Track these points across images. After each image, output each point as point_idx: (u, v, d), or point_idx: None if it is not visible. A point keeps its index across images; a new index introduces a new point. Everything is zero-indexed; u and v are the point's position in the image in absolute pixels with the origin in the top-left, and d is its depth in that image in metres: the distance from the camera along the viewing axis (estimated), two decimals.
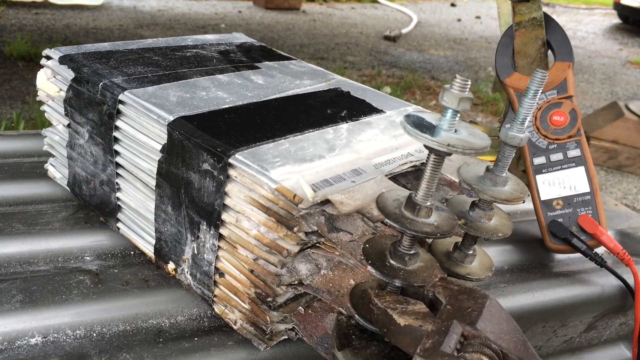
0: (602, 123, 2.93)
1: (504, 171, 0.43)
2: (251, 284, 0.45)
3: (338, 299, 0.43)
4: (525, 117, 0.41)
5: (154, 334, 0.48)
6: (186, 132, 0.47)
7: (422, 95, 3.71)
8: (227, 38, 0.75)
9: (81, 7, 4.87)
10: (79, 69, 0.57)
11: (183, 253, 0.50)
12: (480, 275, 0.46)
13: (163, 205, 0.50)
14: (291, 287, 0.44)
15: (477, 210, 0.45)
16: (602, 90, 4.38)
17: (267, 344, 0.46)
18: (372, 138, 0.52)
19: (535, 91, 0.40)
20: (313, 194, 0.41)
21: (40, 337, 0.45)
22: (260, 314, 0.45)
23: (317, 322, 0.46)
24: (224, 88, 0.57)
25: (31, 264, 0.54)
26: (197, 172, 0.46)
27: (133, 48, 0.65)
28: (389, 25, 5.70)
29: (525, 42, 0.68)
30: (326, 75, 0.66)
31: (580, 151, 0.65)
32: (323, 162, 0.46)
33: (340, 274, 0.45)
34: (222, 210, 0.45)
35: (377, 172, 0.47)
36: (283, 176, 0.42)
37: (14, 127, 2.39)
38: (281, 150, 0.46)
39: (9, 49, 3.40)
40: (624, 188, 2.79)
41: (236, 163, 0.44)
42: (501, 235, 0.44)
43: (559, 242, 0.64)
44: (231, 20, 5.09)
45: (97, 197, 0.59)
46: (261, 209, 0.43)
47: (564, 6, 8.53)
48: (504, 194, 0.43)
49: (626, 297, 0.65)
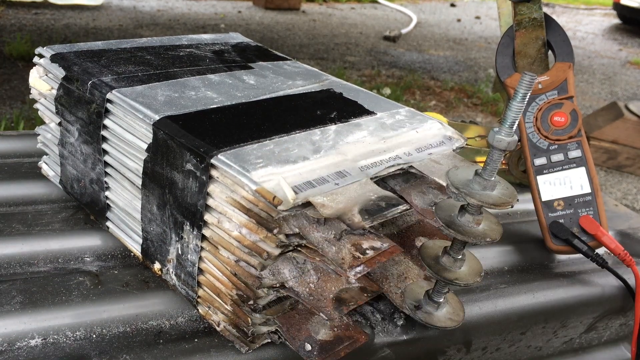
0: (602, 123, 2.93)
1: (492, 175, 0.42)
2: (233, 286, 0.45)
3: (319, 303, 0.43)
4: (513, 121, 0.40)
5: (154, 335, 0.47)
6: (170, 131, 0.46)
7: (421, 95, 3.71)
8: (223, 38, 0.75)
9: (81, 7, 4.86)
10: (69, 67, 0.57)
11: (168, 253, 0.50)
12: (468, 281, 0.46)
13: (149, 204, 0.50)
14: (273, 290, 0.44)
15: (465, 214, 0.44)
16: (602, 90, 4.39)
17: (249, 346, 0.46)
18: (360, 140, 0.51)
19: (523, 94, 0.39)
20: (294, 196, 0.41)
21: (40, 339, 0.45)
22: (242, 315, 0.45)
23: (300, 325, 0.46)
24: (214, 88, 0.57)
25: (31, 265, 0.53)
26: (181, 172, 0.46)
27: (126, 47, 0.65)
28: (389, 25, 5.70)
29: (526, 42, 0.68)
30: (320, 76, 0.65)
31: (581, 152, 0.65)
32: (307, 164, 0.45)
33: (324, 278, 0.45)
34: (205, 211, 0.45)
35: (362, 175, 0.46)
36: (264, 177, 0.42)
37: (14, 127, 2.39)
38: (265, 151, 0.46)
39: (9, 49, 3.40)
40: (624, 188, 2.79)
41: (218, 163, 0.43)
42: (489, 240, 0.43)
43: (560, 243, 0.64)
44: (231, 20, 5.09)
45: (87, 195, 0.59)
46: (242, 210, 0.42)
47: (564, 6, 8.53)
48: (492, 198, 0.42)
49: (626, 298, 0.65)
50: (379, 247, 0.43)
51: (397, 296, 0.51)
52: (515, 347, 0.62)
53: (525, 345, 0.62)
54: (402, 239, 0.54)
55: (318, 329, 0.46)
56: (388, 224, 0.54)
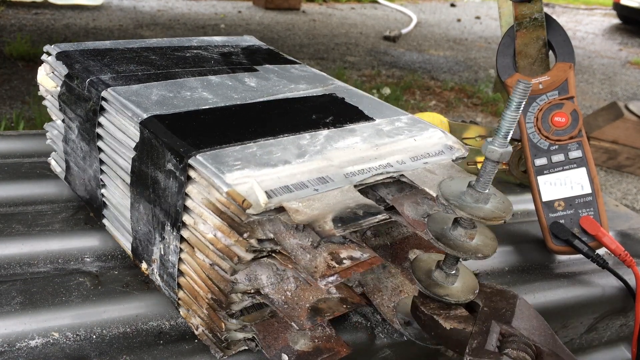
0: (602, 123, 2.93)
1: (486, 187, 0.40)
2: (208, 289, 0.44)
3: (293, 311, 0.41)
4: (508, 131, 0.38)
5: (154, 336, 0.47)
6: (155, 130, 0.46)
7: (421, 95, 3.71)
8: (235, 40, 0.74)
9: (81, 7, 4.86)
10: (71, 65, 0.57)
11: (152, 253, 0.49)
12: (459, 298, 0.44)
13: (137, 203, 0.50)
14: (248, 296, 0.43)
15: (458, 228, 0.42)
16: (602, 90, 4.38)
17: (224, 352, 0.45)
18: (351, 146, 0.49)
19: (518, 103, 0.37)
20: (266, 200, 0.39)
21: (40, 339, 0.45)
22: (217, 320, 0.44)
23: (279, 334, 0.44)
24: (211, 89, 0.56)
25: (31, 266, 0.53)
26: (163, 171, 0.45)
27: (133, 47, 0.65)
28: (389, 25, 5.69)
29: (527, 42, 0.68)
30: (326, 80, 0.64)
31: (582, 152, 0.65)
32: (287, 168, 0.44)
33: (303, 287, 0.43)
34: (184, 212, 0.44)
35: (345, 182, 0.44)
36: (239, 180, 0.41)
37: (14, 127, 2.39)
38: (246, 153, 0.44)
39: (9, 49, 3.40)
40: (624, 188, 2.79)
41: (195, 164, 0.42)
42: (480, 256, 0.41)
43: (561, 244, 0.64)
44: (231, 20, 5.09)
45: (87, 192, 0.59)
46: (216, 212, 0.42)
47: (564, 6, 8.53)
48: (482, 211, 0.39)
49: (627, 298, 0.65)
50: (357, 257, 0.41)
51: (389, 310, 0.50)
52: None
53: None
54: (395, 251, 0.52)
55: (297, 339, 0.44)
56: (382, 234, 0.52)
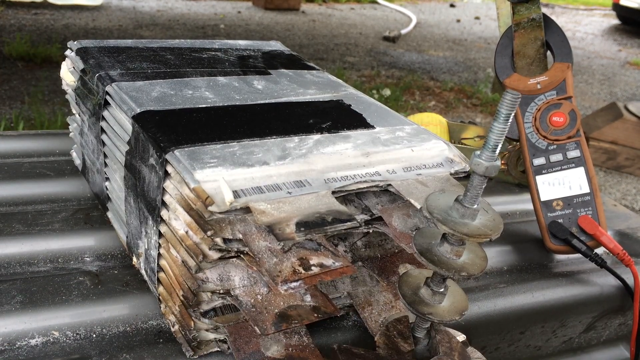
0: (601, 124, 2.93)
1: (474, 203, 0.38)
2: (179, 286, 0.43)
3: (259, 316, 0.41)
4: (496, 144, 0.36)
5: (154, 335, 0.47)
6: (143, 125, 0.46)
7: (421, 95, 3.71)
8: (259, 45, 0.73)
9: (80, 8, 4.86)
10: (87, 60, 0.58)
11: (139, 247, 0.50)
12: (443, 318, 0.41)
13: (129, 197, 0.50)
14: (218, 296, 0.42)
15: (445, 244, 0.40)
16: (601, 91, 4.39)
17: (194, 351, 0.44)
18: (339, 152, 0.48)
19: (506, 115, 0.35)
20: (231, 199, 0.39)
21: (41, 338, 0.45)
22: (187, 318, 0.43)
23: (251, 338, 0.43)
24: (215, 89, 0.56)
25: (31, 265, 0.54)
26: (147, 165, 0.46)
27: (153, 46, 0.65)
28: (388, 25, 5.70)
29: (525, 43, 0.68)
30: (339, 87, 0.63)
31: (580, 152, 0.65)
32: (264, 169, 0.43)
33: (276, 291, 0.43)
34: (162, 207, 0.44)
35: (324, 187, 0.43)
36: (209, 177, 0.40)
37: (13, 127, 2.39)
38: (225, 152, 0.44)
39: (8, 49, 3.39)
40: (623, 189, 2.79)
41: (171, 159, 0.43)
42: (465, 275, 0.39)
43: (559, 243, 0.65)
44: (230, 20, 5.09)
45: (96, 185, 0.60)
46: (187, 208, 0.41)
47: (563, 7, 8.54)
48: (467, 227, 0.37)
49: (625, 297, 0.65)
50: (327, 265, 0.40)
51: (376, 325, 0.48)
52: (515, 347, 0.62)
53: (525, 344, 0.62)
54: (384, 263, 0.51)
55: (270, 345, 0.43)
56: (374, 246, 0.51)
